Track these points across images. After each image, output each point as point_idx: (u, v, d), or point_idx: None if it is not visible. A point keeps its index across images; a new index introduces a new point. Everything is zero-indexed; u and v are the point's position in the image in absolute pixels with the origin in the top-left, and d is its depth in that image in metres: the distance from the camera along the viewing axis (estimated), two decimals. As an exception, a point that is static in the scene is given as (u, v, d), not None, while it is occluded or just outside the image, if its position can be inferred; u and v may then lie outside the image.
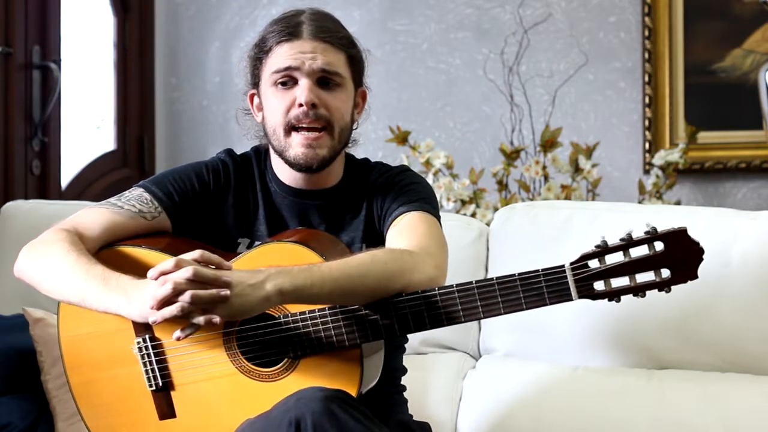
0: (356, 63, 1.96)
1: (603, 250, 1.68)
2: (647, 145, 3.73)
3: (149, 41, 3.90)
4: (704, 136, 3.57)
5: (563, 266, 1.69)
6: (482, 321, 2.38)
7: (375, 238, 1.94)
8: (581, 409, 2.20)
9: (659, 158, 3.43)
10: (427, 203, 1.92)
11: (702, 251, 1.69)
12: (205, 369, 1.81)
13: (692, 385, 2.19)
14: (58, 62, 3.27)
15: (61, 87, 3.28)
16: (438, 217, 1.93)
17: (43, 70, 3.25)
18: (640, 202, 3.39)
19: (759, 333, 2.18)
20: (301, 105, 1.87)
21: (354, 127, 1.99)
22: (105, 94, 3.75)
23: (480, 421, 2.25)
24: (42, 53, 3.25)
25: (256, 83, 1.96)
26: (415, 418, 2.04)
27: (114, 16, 3.77)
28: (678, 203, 3.54)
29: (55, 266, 1.81)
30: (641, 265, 1.69)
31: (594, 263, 1.69)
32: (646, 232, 1.68)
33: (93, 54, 3.72)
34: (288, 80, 1.90)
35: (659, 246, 1.68)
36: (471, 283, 1.71)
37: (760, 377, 2.19)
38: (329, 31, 1.92)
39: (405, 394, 2.07)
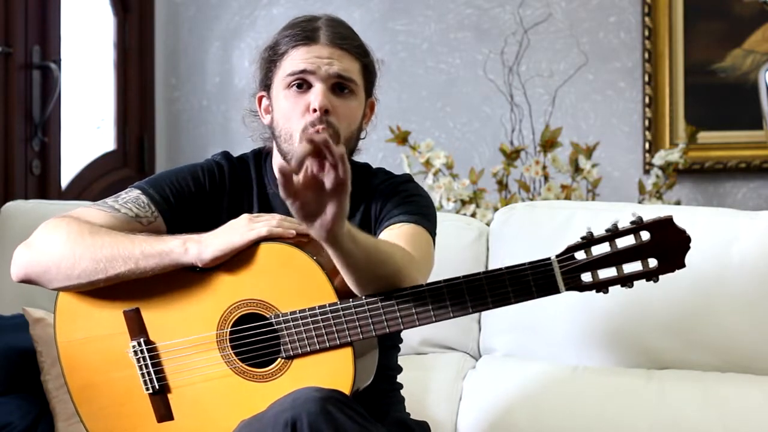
0: (369, 73, 1.96)
1: (589, 241, 1.67)
2: (647, 145, 3.73)
3: (149, 41, 3.90)
4: (704, 136, 3.56)
5: (549, 259, 1.69)
6: (482, 321, 2.38)
7: None
8: (581, 409, 2.20)
9: (659, 158, 3.43)
10: (427, 219, 1.92)
11: (689, 239, 1.67)
12: (200, 371, 1.81)
13: (692, 385, 2.19)
14: (58, 62, 3.28)
15: (61, 87, 3.28)
16: (434, 236, 1.93)
17: (43, 70, 3.25)
18: (640, 202, 3.39)
19: (759, 333, 2.18)
20: (315, 110, 1.87)
21: (361, 137, 1.99)
22: (105, 94, 3.75)
23: (480, 420, 2.25)
24: (42, 53, 3.26)
25: (267, 86, 1.96)
26: (415, 418, 2.04)
27: (114, 16, 3.77)
28: (678, 203, 3.54)
29: (84, 240, 1.81)
30: (628, 255, 1.67)
31: (580, 255, 1.67)
32: (632, 222, 1.67)
33: (93, 54, 3.72)
34: (302, 84, 1.89)
35: (645, 235, 1.67)
36: (459, 278, 1.71)
37: (760, 377, 2.19)
38: (346, 38, 1.92)
39: (404, 393, 2.06)
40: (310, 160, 1.56)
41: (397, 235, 1.85)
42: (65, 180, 3.43)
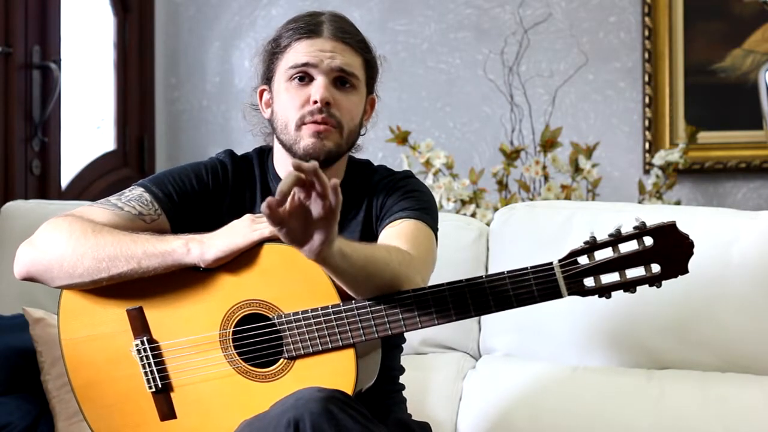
0: (371, 68, 1.97)
1: (592, 246, 1.67)
2: (647, 145, 3.73)
3: (149, 41, 3.90)
4: (704, 136, 3.56)
5: (552, 263, 1.69)
6: (482, 321, 2.38)
7: (371, 239, 1.93)
8: (581, 409, 2.20)
9: (659, 158, 3.43)
10: (428, 214, 1.92)
11: (692, 245, 1.67)
12: (203, 370, 1.82)
13: (692, 385, 2.19)
14: (58, 62, 3.27)
15: (61, 87, 3.28)
16: (436, 230, 1.93)
17: (43, 70, 3.25)
18: (640, 202, 3.39)
19: (759, 333, 2.18)
20: (315, 102, 1.87)
21: (362, 133, 1.99)
22: (105, 94, 3.75)
23: (480, 420, 2.25)
24: (42, 53, 3.25)
25: (268, 79, 1.96)
26: (415, 418, 2.04)
27: (114, 16, 3.77)
28: (678, 203, 3.54)
29: (87, 240, 1.81)
30: (631, 260, 1.67)
31: (583, 259, 1.67)
32: (635, 227, 1.67)
33: (93, 54, 3.72)
34: (304, 76, 1.90)
35: (648, 241, 1.67)
36: (462, 281, 1.71)
37: (760, 377, 2.19)
38: (349, 33, 1.93)
39: (404, 393, 2.06)
40: (296, 189, 1.55)
41: (397, 233, 1.85)
42: (65, 180, 3.43)
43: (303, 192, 1.55)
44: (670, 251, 1.67)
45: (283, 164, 1.97)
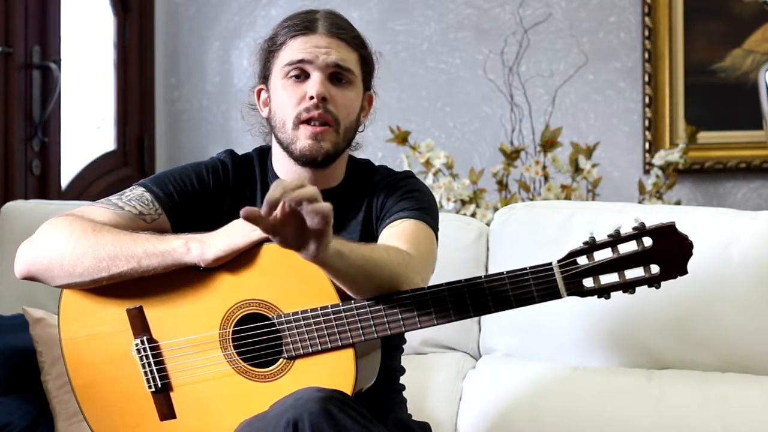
0: (367, 64, 1.97)
1: (591, 246, 1.67)
2: (647, 145, 3.73)
3: (149, 41, 3.91)
4: (704, 136, 3.56)
5: (551, 264, 1.69)
6: (482, 321, 2.38)
7: (371, 240, 1.93)
8: (581, 409, 2.20)
9: (659, 158, 3.43)
10: (428, 214, 1.92)
11: (691, 245, 1.67)
12: (202, 370, 1.82)
13: (692, 385, 2.19)
14: (58, 62, 3.28)
15: (61, 87, 3.28)
16: (436, 230, 1.93)
17: (43, 70, 3.25)
18: (640, 202, 3.39)
19: (759, 333, 2.18)
20: (311, 98, 1.87)
21: (360, 130, 1.99)
22: (105, 94, 3.75)
23: (480, 421, 2.25)
24: (42, 53, 3.26)
25: (265, 77, 1.96)
26: (415, 418, 2.04)
27: (114, 16, 3.77)
28: (678, 203, 3.54)
29: (87, 239, 1.81)
30: (630, 261, 1.67)
31: (582, 260, 1.67)
32: (635, 228, 1.67)
33: (93, 54, 3.72)
34: (300, 73, 1.90)
35: (648, 241, 1.67)
36: (461, 281, 1.71)
37: (760, 377, 2.19)
38: (344, 29, 1.93)
39: (404, 393, 2.06)
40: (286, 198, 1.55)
41: (397, 233, 1.85)
42: (65, 180, 3.43)
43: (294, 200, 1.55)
44: (669, 252, 1.67)
45: (281, 163, 1.97)
